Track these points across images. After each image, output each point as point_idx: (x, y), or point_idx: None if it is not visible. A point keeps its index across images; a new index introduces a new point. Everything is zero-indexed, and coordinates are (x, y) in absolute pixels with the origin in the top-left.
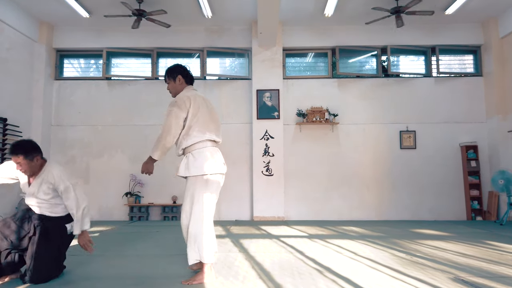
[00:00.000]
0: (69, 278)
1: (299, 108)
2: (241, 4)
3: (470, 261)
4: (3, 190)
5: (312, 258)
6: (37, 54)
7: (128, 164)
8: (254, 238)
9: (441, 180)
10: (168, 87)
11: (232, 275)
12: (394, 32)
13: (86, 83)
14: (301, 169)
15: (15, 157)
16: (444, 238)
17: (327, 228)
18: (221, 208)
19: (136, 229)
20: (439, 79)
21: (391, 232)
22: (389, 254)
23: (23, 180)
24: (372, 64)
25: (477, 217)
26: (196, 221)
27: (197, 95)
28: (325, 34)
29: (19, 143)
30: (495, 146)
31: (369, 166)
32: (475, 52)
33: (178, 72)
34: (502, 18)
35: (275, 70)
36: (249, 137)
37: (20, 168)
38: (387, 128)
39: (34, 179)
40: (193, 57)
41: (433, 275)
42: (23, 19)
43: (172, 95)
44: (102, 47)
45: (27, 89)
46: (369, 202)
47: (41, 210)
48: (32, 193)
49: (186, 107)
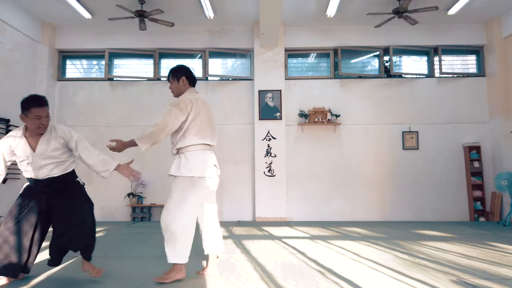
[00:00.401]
0: (72, 279)
1: (301, 109)
2: (243, 4)
3: (473, 262)
4: (4, 190)
5: (314, 260)
6: (40, 55)
7: (131, 165)
8: (256, 239)
9: (444, 181)
10: (171, 87)
11: (235, 277)
12: (396, 33)
13: (88, 84)
14: (303, 169)
15: (43, 108)
16: (446, 239)
17: (330, 229)
18: (223, 208)
19: (138, 230)
20: (442, 79)
21: (394, 233)
22: (392, 256)
23: (24, 148)
24: (375, 65)
25: (480, 218)
26: (178, 221)
27: (198, 98)
28: (327, 35)
29: (38, 96)
30: (498, 147)
31: (372, 166)
32: (478, 52)
33: (183, 73)
34: (505, 18)
35: (277, 71)
36: (251, 137)
37: (43, 121)
38: (390, 129)
39: (39, 139)
40: (195, 57)
41: (435, 276)
42: (25, 20)
43: (174, 95)
44: (104, 48)
45: (29, 90)
46: (372, 203)
47: (50, 170)
48: (41, 153)
49: (187, 111)
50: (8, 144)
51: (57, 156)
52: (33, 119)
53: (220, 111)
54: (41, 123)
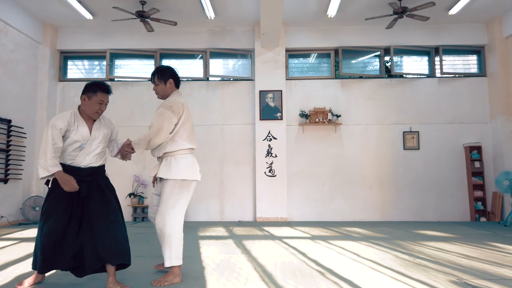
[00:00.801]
0: (76, 279)
1: (302, 109)
2: (244, 5)
3: (473, 263)
4: (7, 191)
5: (314, 260)
6: (41, 56)
7: (132, 165)
8: (256, 239)
9: (445, 181)
10: (156, 89)
11: (235, 277)
12: (397, 33)
13: None
14: (304, 170)
15: (107, 95)
16: (447, 239)
17: (330, 229)
18: (224, 209)
19: (139, 230)
20: (443, 79)
21: (394, 233)
22: (392, 256)
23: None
24: (375, 65)
25: (481, 218)
26: (172, 224)
27: (185, 101)
28: (328, 35)
29: (105, 83)
30: (499, 147)
31: (372, 167)
32: (479, 52)
33: (170, 75)
34: (506, 17)
35: (278, 71)
36: (252, 138)
37: (102, 108)
38: (391, 129)
39: (92, 125)
40: (196, 58)
41: (435, 277)
42: (27, 21)
43: (159, 97)
44: (105, 49)
45: (31, 90)
46: (372, 203)
47: (93, 158)
48: (94, 138)
49: (179, 114)
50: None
51: (103, 144)
52: (96, 103)
53: (221, 112)
54: (100, 108)
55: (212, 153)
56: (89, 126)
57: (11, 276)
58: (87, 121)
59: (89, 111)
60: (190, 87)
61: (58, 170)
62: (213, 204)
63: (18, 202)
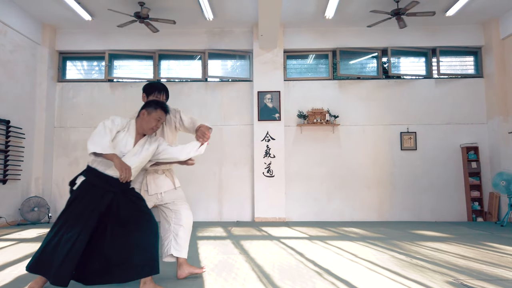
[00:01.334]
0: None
1: (300, 110)
2: (242, 6)
3: (470, 263)
4: (6, 191)
5: (312, 260)
6: (40, 57)
7: None
8: (254, 240)
9: (442, 181)
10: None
11: (232, 277)
12: (394, 34)
13: (88, 85)
14: (302, 170)
15: (165, 115)
16: (444, 239)
17: (328, 229)
18: (223, 209)
19: None
20: (440, 80)
21: (392, 233)
22: (389, 256)
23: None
24: (373, 66)
25: (477, 218)
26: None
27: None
28: (326, 36)
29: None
30: (496, 148)
31: (370, 167)
32: (475, 53)
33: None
34: (503, 19)
35: (276, 72)
36: (250, 138)
37: (158, 125)
38: (388, 130)
39: (140, 139)
40: (194, 59)
41: (432, 277)
42: (26, 22)
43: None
44: (104, 49)
45: (30, 91)
46: (370, 203)
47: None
48: (135, 153)
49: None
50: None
51: (143, 160)
52: (153, 119)
53: (219, 112)
54: (156, 125)
55: (211, 153)
56: (136, 139)
57: (9, 277)
58: (136, 135)
59: (146, 125)
60: (188, 88)
61: (115, 153)
62: (211, 204)
63: (16, 203)
